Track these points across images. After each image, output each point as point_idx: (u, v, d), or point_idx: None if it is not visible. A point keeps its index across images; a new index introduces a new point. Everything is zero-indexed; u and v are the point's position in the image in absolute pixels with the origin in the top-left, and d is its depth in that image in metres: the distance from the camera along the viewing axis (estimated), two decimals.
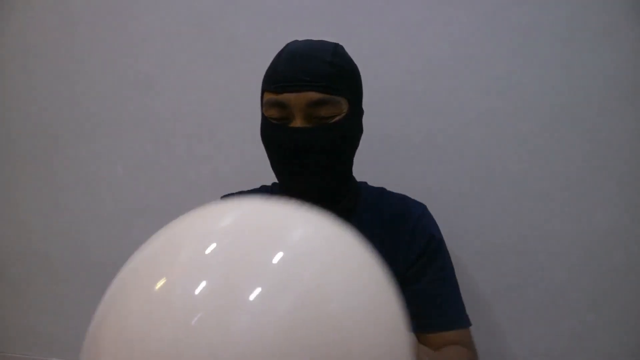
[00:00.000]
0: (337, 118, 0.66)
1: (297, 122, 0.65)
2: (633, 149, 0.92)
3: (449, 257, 0.78)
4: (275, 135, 0.67)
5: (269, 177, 0.79)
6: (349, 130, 0.68)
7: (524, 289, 0.97)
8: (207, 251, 0.33)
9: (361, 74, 0.75)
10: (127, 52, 1.22)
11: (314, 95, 0.64)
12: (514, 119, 0.97)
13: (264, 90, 0.69)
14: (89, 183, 1.26)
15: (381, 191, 0.82)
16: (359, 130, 0.73)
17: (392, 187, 0.84)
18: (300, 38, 0.75)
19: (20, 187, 1.32)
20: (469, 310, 0.77)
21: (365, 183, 0.84)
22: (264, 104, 0.69)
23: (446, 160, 1.01)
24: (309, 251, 0.35)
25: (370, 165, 1.01)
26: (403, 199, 0.80)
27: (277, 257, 0.33)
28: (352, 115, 0.68)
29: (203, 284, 0.31)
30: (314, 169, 0.67)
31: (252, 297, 0.30)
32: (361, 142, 0.76)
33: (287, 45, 0.71)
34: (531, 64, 0.96)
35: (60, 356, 1.29)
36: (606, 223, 0.93)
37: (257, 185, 0.87)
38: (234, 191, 0.85)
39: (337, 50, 0.69)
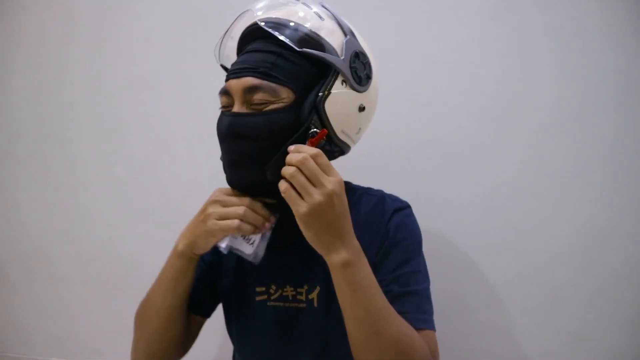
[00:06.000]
0: (273, 106, 0.64)
1: (236, 108, 0.66)
2: (633, 149, 0.92)
3: (415, 257, 0.73)
4: (218, 121, 0.68)
5: None
6: (288, 123, 0.64)
7: (523, 289, 0.97)
8: None
9: None
10: (127, 53, 1.22)
11: (250, 81, 0.64)
12: (513, 119, 0.97)
13: None
14: (90, 183, 1.26)
15: (363, 192, 0.79)
16: (302, 122, 0.65)
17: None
18: None
19: (20, 187, 1.32)
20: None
21: (348, 184, 0.79)
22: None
23: (445, 160, 1.01)
24: None
25: (368, 166, 1.02)
26: (382, 197, 0.77)
27: None
28: (296, 108, 0.65)
29: None
30: (243, 158, 0.65)
31: None
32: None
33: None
34: (530, 65, 0.96)
35: (60, 356, 1.29)
36: (606, 223, 0.93)
37: None
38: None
39: (288, 42, 0.64)
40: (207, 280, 0.80)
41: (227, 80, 0.68)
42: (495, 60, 0.98)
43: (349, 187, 0.79)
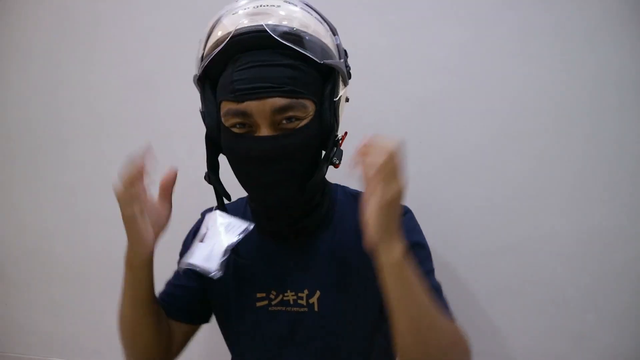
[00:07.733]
0: (303, 122, 0.62)
1: (263, 131, 0.61)
2: (635, 149, 0.92)
3: (427, 257, 0.74)
4: (241, 146, 0.63)
5: None
6: (317, 134, 0.64)
7: (524, 289, 0.97)
8: None
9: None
10: (127, 52, 1.22)
11: (278, 101, 0.60)
12: (513, 120, 0.97)
13: (221, 100, 0.65)
14: (90, 183, 1.26)
15: (357, 195, 0.77)
16: (329, 129, 0.65)
17: None
18: None
19: (20, 187, 1.32)
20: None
21: (344, 187, 0.80)
22: (223, 115, 0.65)
23: (446, 160, 1.01)
24: None
25: None
26: None
27: None
28: (319, 118, 0.64)
29: None
30: (283, 178, 0.64)
31: None
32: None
33: (240, 54, 0.64)
34: (531, 65, 0.96)
35: (60, 356, 1.29)
36: (607, 223, 0.93)
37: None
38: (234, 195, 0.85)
39: (297, 51, 0.62)
40: (195, 287, 0.79)
41: (239, 100, 0.61)
42: (497, 61, 0.98)
43: (352, 192, 0.79)
